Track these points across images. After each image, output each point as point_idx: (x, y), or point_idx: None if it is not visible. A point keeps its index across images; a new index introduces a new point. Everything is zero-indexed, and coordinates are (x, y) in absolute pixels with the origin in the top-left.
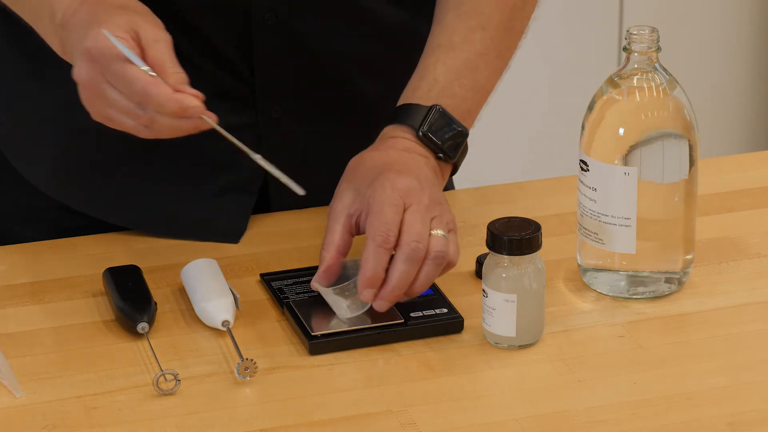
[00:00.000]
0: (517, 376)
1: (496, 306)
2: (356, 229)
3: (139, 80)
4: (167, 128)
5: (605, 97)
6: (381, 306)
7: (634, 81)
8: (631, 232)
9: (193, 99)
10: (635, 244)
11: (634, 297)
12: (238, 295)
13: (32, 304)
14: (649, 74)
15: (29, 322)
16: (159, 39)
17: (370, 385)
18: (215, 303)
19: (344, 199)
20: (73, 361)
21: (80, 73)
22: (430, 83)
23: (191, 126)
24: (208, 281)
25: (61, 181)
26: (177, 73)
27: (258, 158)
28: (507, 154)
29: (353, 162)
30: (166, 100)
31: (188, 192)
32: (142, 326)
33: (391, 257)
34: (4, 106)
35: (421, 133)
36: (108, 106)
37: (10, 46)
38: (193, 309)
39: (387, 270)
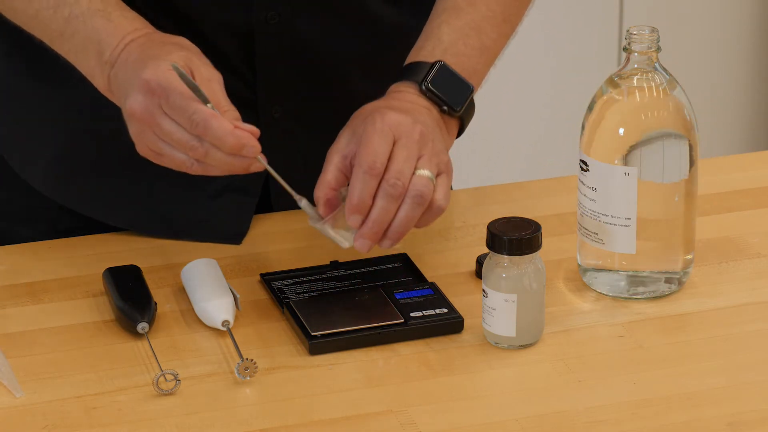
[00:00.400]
0: (517, 376)
1: (496, 306)
2: (351, 171)
3: (201, 112)
4: (220, 163)
5: (605, 97)
6: (362, 246)
7: (634, 81)
8: (631, 232)
9: (251, 138)
10: (635, 244)
11: (634, 297)
12: (238, 295)
13: (32, 304)
14: (649, 74)
15: (29, 322)
16: (212, 78)
17: (370, 385)
18: (215, 303)
19: (340, 141)
20: (73, 361)
21: (134, 104)
22: (434, 43)
23: (244, 165)
24: (208, 281)
25: (59, 182)
26: (231, 110)
27: (303, 203)
28: (507, 154)
29: (355, 113)
30: (226, 134)
31: (188, 193)
32: (142, 326)
33: None
34: (2, 106)
35: (424, 87)
36: (160, 140)
37: (10, 48)
38: (193, 309)
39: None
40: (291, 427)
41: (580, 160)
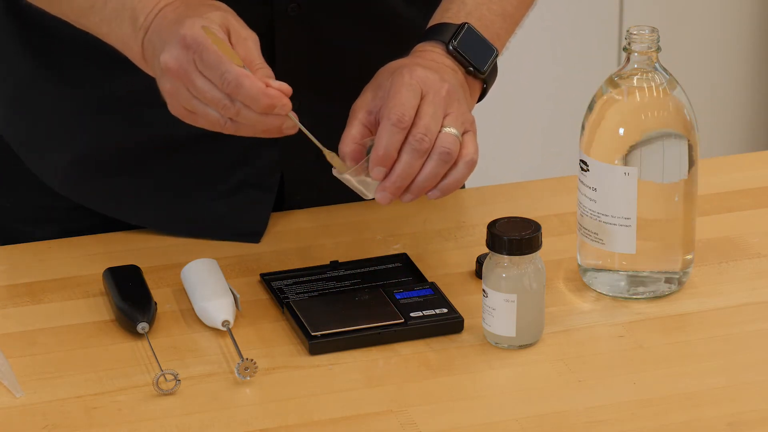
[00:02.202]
0: (517, 376)
1: (496, 306)
2: (376, 127)
3: (233, 71)
4: (252, 122)
5: (605, 97)
6: (383, 198)
7: (634, 81)
8: (631, 232)
9: (282, 97)
10: (635, 244)
11: (634, 297)
12: (238, 295)
13: (32, 304)
14: (649, 74)
15: (29, 322)
16: (248, 37)
17: (370, 385)
18: (215, 303)
19: (365, 96)
20: (73, 361)
21: (169, 59)
22: (459, 6)
23: (276, 123)
24: (208, 281)
25: (78, 182)
26: (264, 68)
27: (330, 156)
28: (507, 154)
29: (379, 70)
30: (259, 95)
31: (206, 189)
32: (142, 326)
33: None
34: (19, 108)
35: (451, 47)
36: (193, 97)
37: (29, 49)
38: (193, 309)
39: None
40: (291, 427)
41: (580, 160)
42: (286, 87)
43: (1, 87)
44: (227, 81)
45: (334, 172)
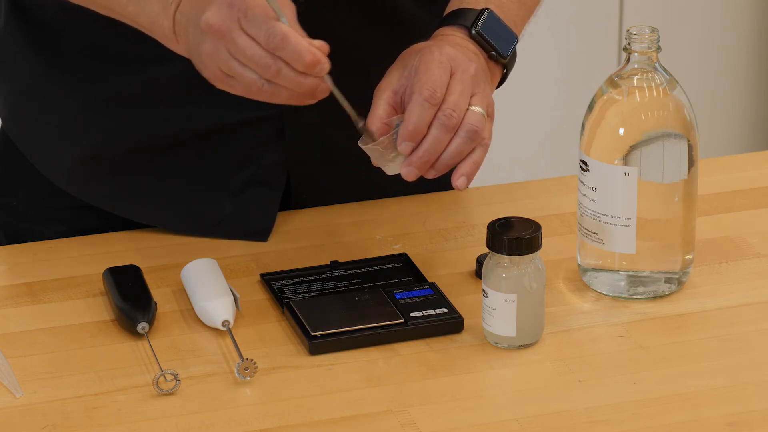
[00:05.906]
0: (517, 376)
1: (496, 306)
2: (402, 107)
3: (279, 26)
4: (290, 83)
5: (605, 97)
6: (409, 173)
7: (634, 81)
8: (631, 232)
9: (324, 57)
10: (635, 244)
11: (634, 297)
12: (238, 295)
13: (32, 304)
14: (649, 74)
15: (29, 322)
16: (285, 5)
17: (370, 385)
18: (215, 303)
19: (391, 76)
20: (73, 361)
21: (212, 17)
22: None
23: (312, 86)
24: (208, 281)
25: (85, 181)
26: (300, 31)
27: (360, 125)
28: (507, 154)
29: (403, 52)
30: (303, 50)
31: (214, 187)
32: (142, 326)
33: None
34: (25, 108)
35: (474, 31)
36: (232, 58)
37: (33, 48)
38: (193, 309)
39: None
40: (291, 427)
41: (580, 160)
42: (325, 46)
43: (7, 86)
44: (273, 35)
45: (360, 143)
